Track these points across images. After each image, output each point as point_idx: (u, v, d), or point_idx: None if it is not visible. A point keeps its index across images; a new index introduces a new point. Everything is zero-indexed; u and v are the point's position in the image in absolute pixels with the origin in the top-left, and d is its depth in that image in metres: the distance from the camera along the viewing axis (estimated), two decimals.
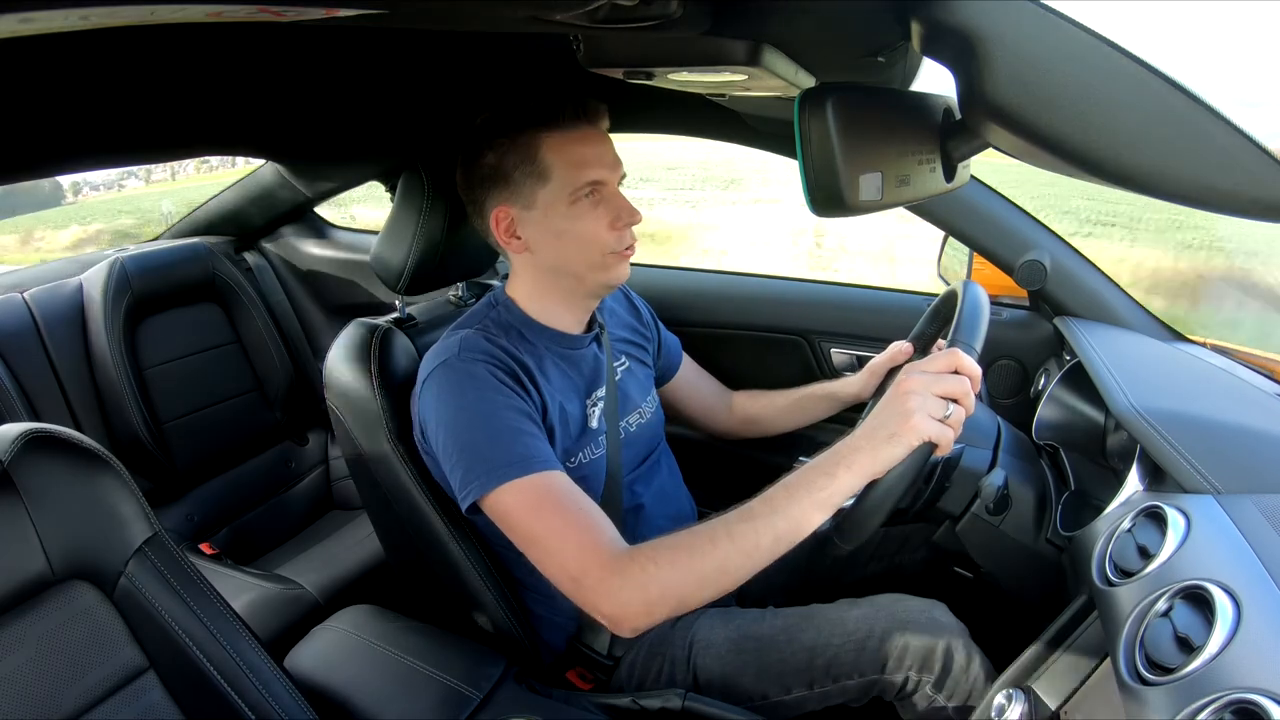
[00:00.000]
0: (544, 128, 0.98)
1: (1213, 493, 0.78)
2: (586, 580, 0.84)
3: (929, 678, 0.97)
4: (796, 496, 0.81)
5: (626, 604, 0.82)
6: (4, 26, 0.30)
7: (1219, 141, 0.44)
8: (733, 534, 0.81)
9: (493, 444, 0.91)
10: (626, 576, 0.82)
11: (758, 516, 0.81)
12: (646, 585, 0.81)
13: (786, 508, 0.81)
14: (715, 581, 0.81)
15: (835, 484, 0.80)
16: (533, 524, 0.89)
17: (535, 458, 0.90)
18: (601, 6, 0.48)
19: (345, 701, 0.96)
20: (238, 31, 0.75)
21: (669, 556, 0.82)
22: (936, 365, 0.82)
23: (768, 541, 0.80)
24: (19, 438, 0.76)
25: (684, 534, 0.83)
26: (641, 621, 0.83)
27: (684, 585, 0.81)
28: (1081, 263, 1.32)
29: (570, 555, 0.85)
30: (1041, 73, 0.46)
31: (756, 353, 1.61)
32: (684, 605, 0.83)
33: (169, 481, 1.71)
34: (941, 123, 0.69)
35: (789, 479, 0.83)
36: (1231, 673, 0.57)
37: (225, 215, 2.02)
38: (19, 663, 0.71)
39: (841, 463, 0.81)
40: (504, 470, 0.89)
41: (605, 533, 0.87)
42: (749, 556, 0.81)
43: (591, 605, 0.85)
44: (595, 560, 0.84)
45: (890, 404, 0.82)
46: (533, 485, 0.89)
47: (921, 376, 0.82)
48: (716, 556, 0.81)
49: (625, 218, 1.01)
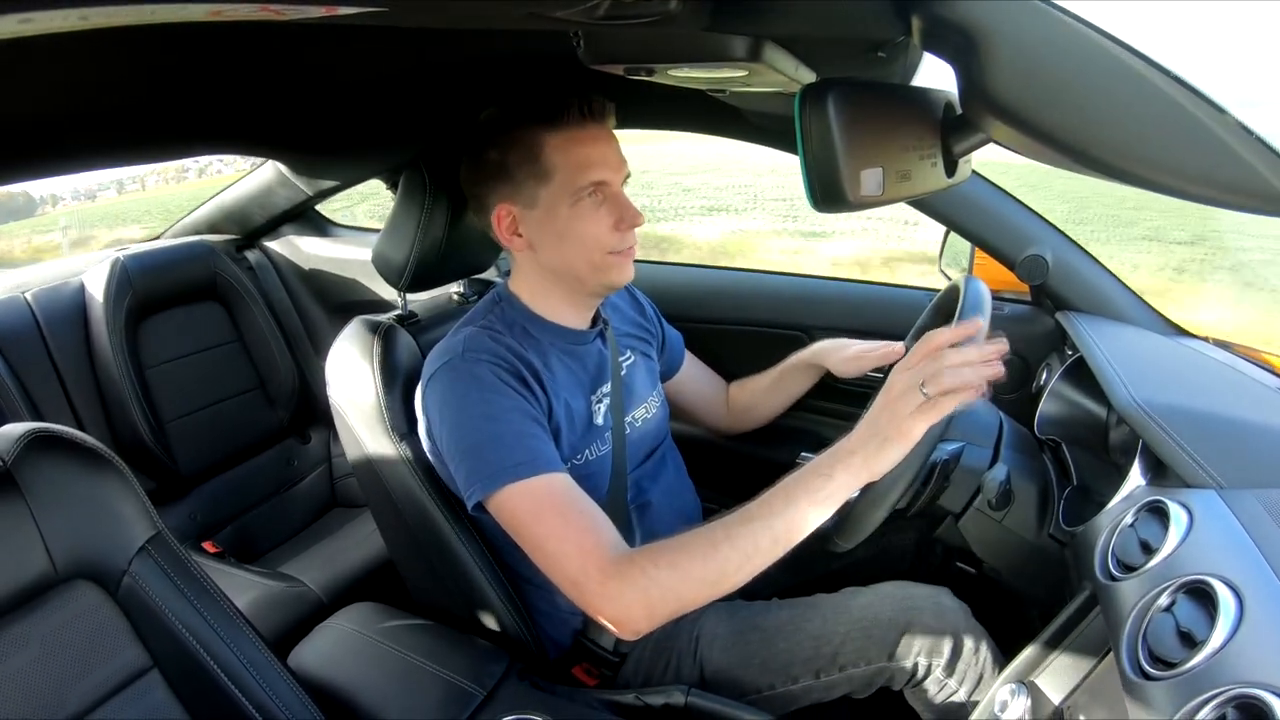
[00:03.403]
0: (548, 126, 0.98)
1: (1215, 487, 0.78)
2: (587, 584, 0.84)
3: (939, 661, 0.98)
4: (794, 499, 0.81)
5: (628, 607, 0.83)
6: (4, 27, 0.30)
7: (1219, 135, 0.43)
8: (732, 537, 0.81)
9: (495, 446, 0.91)
10: (627, 580, 0.82)
11: (756, 519, 0.82)
12: (648, 589, 0.82)
13: (784, 510, 0.81)
14: (716, 584, 0.82)
15: (832, 485, 0.81)
16: (534, 527, 0.89)
17: (537, 460, 0.91)
18: (601, 3, 0.48)
19: (349, 699, 0.96)
20: (238, 30, 0.75)
21: (669, 559, 0.82)
22: (914, 358, 0.83)
23: (766, 544, 0.81)
24: (22, 437, 0.76)
25: (684, 537, 0.84)
26: (643, 625, 0.83)
27: (684, 588, 0.82)
28: (1083, 257, 1.32)
29: (571, 559, 0.86)
30: (1042, 67, 0.46)
31: (757, 348, 1.61)
32: (685, 608, 0.83)
33: (172, 480, 1.72)
34: (942, 118, 0.69)
35: (787, 481, 0.83)
36: (1234, 667, 0.57)
37: (226, 214, 2.02)
38: (23, 662, 0.71)
39: (839, 464, 0.81)
40: (506, 473, 0.89)
41: (606, 536, 0.87)
42: (748, 559, 0.81)
43: (593, 608, 0.85)
44: (595, 564, 0.84)
45: (882, 410, 0.82)
46: (534, 488, 0.89)
47: (904, 374, 0.82)
48: (716, 559, 0.81)
49: (628, 219, 1.00)
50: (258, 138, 1.47)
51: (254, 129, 1.37)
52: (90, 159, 1.17)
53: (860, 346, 1.25)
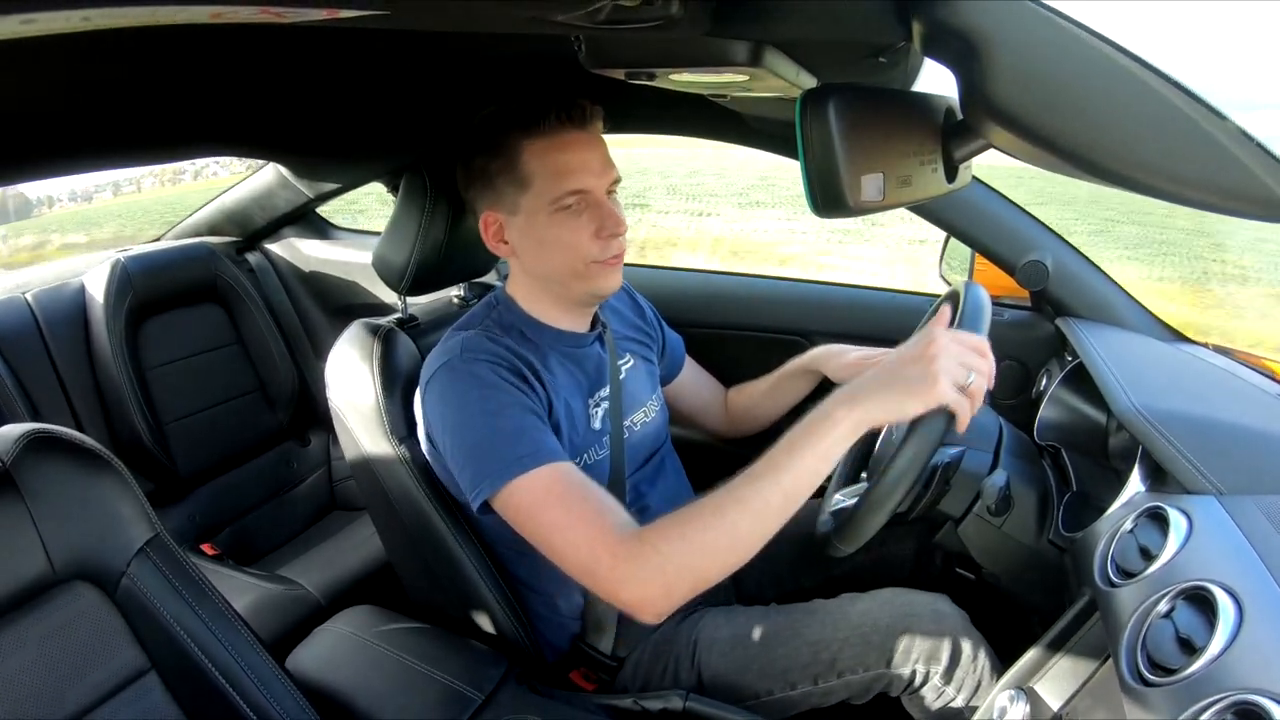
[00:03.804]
0: (526, 133, 0.96)
1: (1215, 493, 0.78)
2: (599, 569, 0.83)
3: (937, 668, 0.97)
4: (798, 451, 0.79)
5: (644, 586, 0.80)
6: (6, 28, 0.30)
7: (1219, 141, 0.43)
8: (740, 499, 0.80)
9: (498, 442, 0.90)
10: (639, 560, 0.80)
11: (763, 477, 0.80)
12: (662, 566, 0.80)
13: (791, 464, 0.79)
14: (730, 551, 0.80)
15: (836, 432, 0.79)
16: (541, 518, 0.87)
17: (541, 451, 0.90)
18: (603, 7, 0.48)
19: (347, 702, 0.96)
20: (239, 32, 0.75)
21: (679, 532, 0.80)
22: (967, 339, 0.81)
23: (778, 501, 0.79)
24: (21, 438, 0.76)
25: (689, 508, 0.82)
26: (662, 604, 0.81)
27: (699, 559, 0.80)
28: (1083, 264, 1.32)
29: (580, 546, 0.84)
30: (1043, 73, 0.46)
31: (756, 353, 1.61)
32: (702, 580, 0.81)
33: (171, 482, 1.71)
34: (943, 123, 0.69)
35: (789, 434, 0.82)
36: (1234, 674, 0.57)
37: (227, 216, 2.02)
38: (21, 663, 0.71)
39: (841, 411, 0.79)
40: (511, 467, 0.88)
41: (613, 519, 0.86)
42: (760, 518, 0.79)
43: (610, 594, 0.83)
44: (606, 548, 0.83)
45: (914, 360, 0.80)
46: (540, 479, 0.88)
47: (952, 342, 0.80)
48: (726, 524, 0.79)
49: (610, 228, 0.98)
50: (259, 140, 1.48)
51: (255, 131, 1.37)
52: (92, 160, 1.17)
53: (859, 353, 1.25)
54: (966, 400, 0.79)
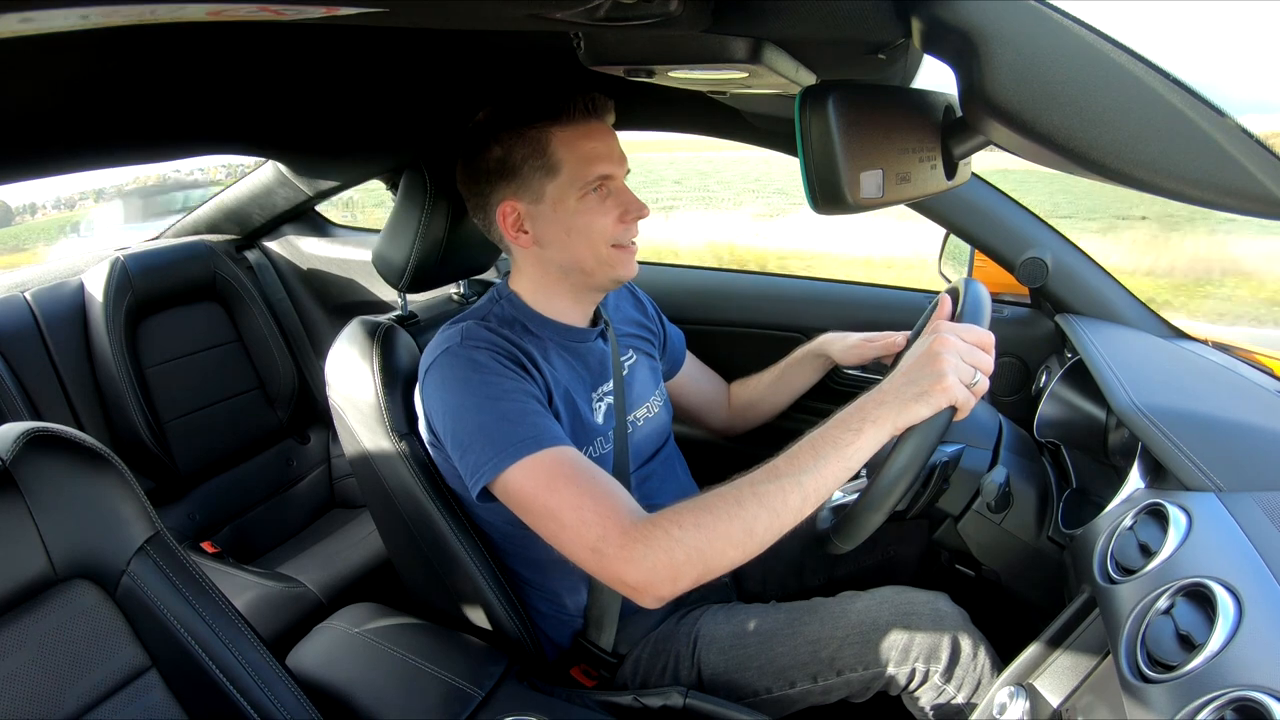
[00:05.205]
0: (554, 122, 0.98)
1: (1214, 490, 0.78)
2: (607, 549, 0.82)
3: (937, 667, 0.97)
4: (822, 453, 0.79)
5: (651, 569, 0.79)
6: (4, 26, 0.30)
7: (1218, 139, 0.43)
8: (760, 494, 0.79)
9: (500, 425, 0.90)
10: (650, 542, 0.80)
11: (784, 475, 0.79)
12: (672, 550, 0.79)
13: (814, 465, 0.79)
14: (742, 544, 0.79)
15: (861, 440, 0.79)
16: (547, 499, 0.86)
17: (544, 435, 0.90)
18: (602, 4, 0.48)
19: (347, 700, 0.96)
20: (238, 30, 0.75)
21: (694, 519, 0.80)
22: (971, 334, 0.82)
23: (796, 500, 0.79)
24: (21, 437, 0.76)
25: (707, 496, 0.81)
26: (666, 589, 0.80)
27: (710, 549, 0.79)
28: (1083, 260, 1.32)
29: (589, 525, 0.83)
30: (1042, 70, 0.46)
31: (757, 350, 1.61)
32: (709, 570, 0.80)
33: (171, 480, 1.72)
34: (942, 120, 0.69)
35: (813, 435, 0.81)
36: (1233, 670, 0.57)
37: (226, 214, 2.02)
38: (21, 662, 0.71)
39: (867, 417, 0.80)
40: (514, 449, 0.88)
41: (623, 500, 0.85)
42: (777, 515, 0.79)
43: (615, 575, 0.82)
44: (615, 527, 0.82)
45: (924, 363, 0.81)
46: (544, 461, 0.88)
47: (957, 340, 0.81)
48: (743, 517, 0.78)
49: (634, 211, 1.01)
50: (258, 138, 1.47)
51: (254, 129, 1.37)
52: (91, 159, 1.17)
53: (863, 336, 1.27)
54: (972, 397, 0.80)
